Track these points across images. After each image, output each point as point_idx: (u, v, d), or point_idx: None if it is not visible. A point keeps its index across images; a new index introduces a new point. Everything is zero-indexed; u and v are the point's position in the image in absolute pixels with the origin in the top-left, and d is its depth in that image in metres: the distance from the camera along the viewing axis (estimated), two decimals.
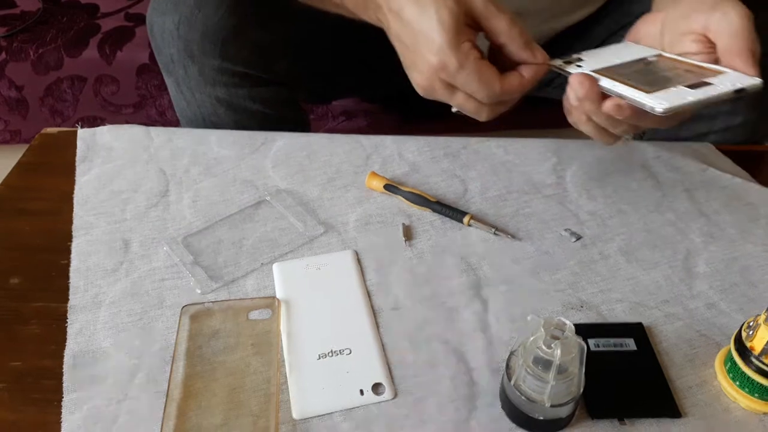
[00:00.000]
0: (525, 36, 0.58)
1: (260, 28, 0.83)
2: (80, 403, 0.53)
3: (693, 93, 0.54)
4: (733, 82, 0.54)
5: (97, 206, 0.72)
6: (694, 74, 0.57)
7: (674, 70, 0.58)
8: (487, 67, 0.57)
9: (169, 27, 0.80)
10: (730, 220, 0.73)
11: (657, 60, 0.60)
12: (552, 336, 0.48)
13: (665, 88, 0.55)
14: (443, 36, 0.55)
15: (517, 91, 0.59)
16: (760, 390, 0.53)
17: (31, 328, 0.59)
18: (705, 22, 0.59)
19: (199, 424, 0.52)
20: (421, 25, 0.56)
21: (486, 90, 0.57)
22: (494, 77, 0.57)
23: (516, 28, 0.58)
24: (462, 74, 0.56)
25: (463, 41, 0.56)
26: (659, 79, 0.56)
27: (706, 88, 0.54)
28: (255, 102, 0.86)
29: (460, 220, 0.71)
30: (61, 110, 1.39)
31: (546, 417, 0.51)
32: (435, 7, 0.55)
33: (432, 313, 0.62)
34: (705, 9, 0.59)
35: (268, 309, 0.60)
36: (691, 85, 0.55)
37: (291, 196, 0.74)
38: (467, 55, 0.56)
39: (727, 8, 0.58)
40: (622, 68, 0.59)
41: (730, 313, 0.63)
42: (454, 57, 0.55)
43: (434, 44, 0.56)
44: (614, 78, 0.57)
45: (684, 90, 0.54)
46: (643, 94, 0.54)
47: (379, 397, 0.55)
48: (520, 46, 0.58)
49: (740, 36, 0.57)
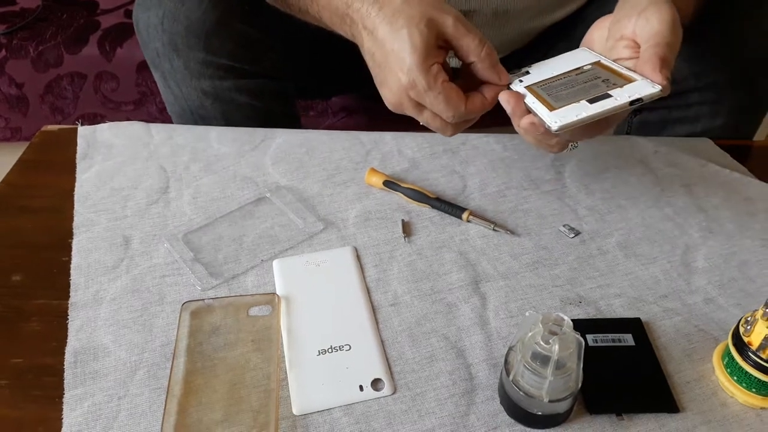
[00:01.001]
0: (492, 57, 0.61)
1: (244, 22, 0.83)
2: (81, 399, 0.54)
3: (588, 108, 0.56)
4: (632, 93, 0.56)
5: (98, 203, 0.72)
6: (607, 85, 0.58)
7: (594, 80, 0.60)
8: (454, 89, 0.59)
9: (154, 21, 0.81)
10: (728, 215, 0.73)
11: (590, 69, 0.62)
12: (550, 331, 0.48)
13: (569, 103, 0.57)
14: (413, 57, 0.57)
15: (479, 111, 0.61)
16: (757, 385, 0.53)
17: (33, 325, 0.60)
18: (633, 27, 0.60)
19: (199, 419, 0.52)
20: (393, 45, 0.59)
21: (452, 110, 0.60)
22: (460, 99, 0.59)
23: (484, 49, 0.60)
24: (430, 95, 0.59)
25: (432, 63, 0.58)
26: (573, 93, 0.59)
27: (604, 101, 0.56)
28: (241, 94, 0.87)
29: (459, 216, 0.71)
30: (62, 107, 1.39)
31: (544, 412, 0.51)
32: (407, 29, 0.58)
33: (431, 308, 0.62)
34: (634, 13, 0.60)
35: (268, 305, 0.61)
36: (593, 99, 0.57)
37: (291, 193, 0.74)
38: (436, 77, 0.58)
39: (651, 13, 0.59)
40: (554, 81, 0.62)
41: (728, 308, 0.63)
42: (423, 78, 0.58)
43: (405, 64, 0.58)
44: (537, 93, 0.60)
45: (583, 105, 0.56)
46: (546, 111, 0.57)
47: (379, 392, 0.55)
48: (487, 66, 0.61)
49: (653, 41, 0.58)
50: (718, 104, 0.86)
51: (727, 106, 0.87)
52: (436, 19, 0.59)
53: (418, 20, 0.58)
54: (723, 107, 0.87)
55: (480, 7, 0.86)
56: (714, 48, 0.82)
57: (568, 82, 0.61)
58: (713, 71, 0.84)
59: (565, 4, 0.92)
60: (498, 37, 0.93)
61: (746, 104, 0.88)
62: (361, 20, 0.62)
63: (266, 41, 0.86)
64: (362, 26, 0.62)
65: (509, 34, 0.93)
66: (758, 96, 0.89)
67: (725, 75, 0.84)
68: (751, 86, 0.86)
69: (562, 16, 0.93)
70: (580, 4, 0.93)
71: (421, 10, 0.59)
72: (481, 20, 0.88)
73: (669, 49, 0.58)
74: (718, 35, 0.82)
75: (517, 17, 0.89)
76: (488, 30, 0.90)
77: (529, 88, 0.62)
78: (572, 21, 0.95)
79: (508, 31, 0.92)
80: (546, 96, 0.59)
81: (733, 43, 0.83)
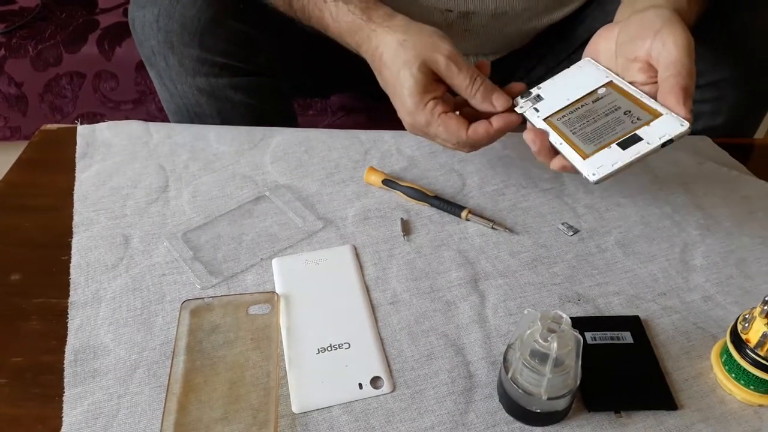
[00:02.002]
0: (484, 92, 0.65)
1: (239, 19, 0.83)
2: (81, 398, 0.54)
3: (622, 156, 0.56)
4: (662, 134, 0.56)
5: (97, 202, 0.72)
6: (631, 120, 0.59)
7: (615, 111, 0.60)
8: (453, 118, 0.65)
9: (149, 19, 0.81)
10: (726, 213, 0.74)
11: (606, 94, 0.63)
12: (548, 329, 0.48)
13: (599, 149, 0.58)
14: (411, 99, 0.65)
15: (485, 138, 0.65)
16: (755, 382, 0.53)
17: (32, 324, 0.60)
18: (647, 49, 0.60)
19: (199, 418, 0.52)
20: (395, 87, 0.66)
21: (454, 138, 0.65)
22: (460, 127, 0.64)
23: (474, 86, 0.65)
24: (432, 128, 0.66)
25: (428, 100, 0.65)
26: (598, 131, 0.60)
27: (636, 146, 0.57)
28: (236, 91, 0.87)
29: (458, 215, 0.71)
30: (61, 106, 1.39)
31: (543, 410, 0.51)
32: (402, 74, 0.65)
33: (430, 306, 0.62)
34: (649, 34, 0.60)
35: (268, 304, 0.61)
36: (623, 141, 0.57)
37: (290, 192, 0.74)
38: (432, 113, 0.65)
39: (666, 36, 0.59)
40: (572, 111, 0.63)
41: (727, 306, 0.63)
42: (422, 116, 0.65)
43: (405, 105, 0.66)
44: (561, 131, 0.61)
45: (615, 152, 0.57)
46: (580, 159, 0.58)
47: (378, 390, 0.55)
48: (479, 101, 0.65)
49: (673, 70, 0.57)
50: (719, 102, 0.86)
51: (728, 104, 0.87)
52: (429, 60, 0.64)
53: (411, 63, 0.64)
54: (724, 105, 0.87)
55: (479, 9, 0.86)
56: (715, 46, 0.82)
57: (587, 113, 0.62)
58: (714, 70, 0.84)
59: (564, 5, 0.92)
60: (497, 38, 0.93)
61: (747, 102, 0.88)
62: (371, 61, 0.69)
63: (261, 39, 0.86)
64: (373, 66, 0.70)
65: (508, 35, 0.93)
66: (759, 94, 0.89)
67: (726, 73, 0.84)
68: (752, 85, 0.86)
69: (561, 17, 0.93)
70: (579, 4, 0.93)
71: (416, 53, 0.64)
72: (480, 21, 0.88)
73: (689, 78, 0.57)
74: (719, 34, 0.82)
75: (516, 18, 0.89)
76: (487, 31, 0.90)
77: (549, 123, 0.63)
78: (571, 22, 0.95)
79: (507, 32, 0.92)
80: (571, 135, 0.60)
81: (734, 42, 0.83)
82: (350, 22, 0.69)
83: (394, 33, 0.66)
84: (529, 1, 0.87)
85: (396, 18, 0.68)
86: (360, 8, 0.69)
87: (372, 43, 0.68)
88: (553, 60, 0.99)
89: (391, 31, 0.66)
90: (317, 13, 0.72)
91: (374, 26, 0.68)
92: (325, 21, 0.72)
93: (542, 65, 1.01)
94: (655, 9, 0.62)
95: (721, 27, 0.81)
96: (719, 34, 0.82)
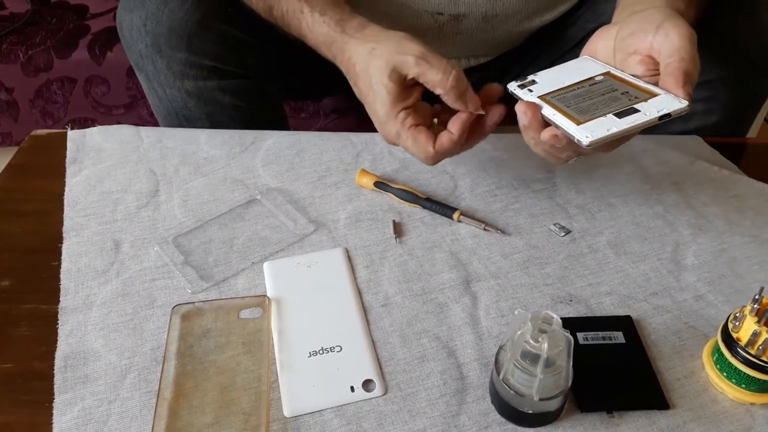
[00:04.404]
0: (458, 88, 0.63)
1: (227, 22, 0.83)
2: (71, 404, 0.53)
3: (618, 123, 0.55)
4: (660, 108, 0.56)
5: (88, 207, 0.72)
6: (629, 98, 0.58)
7: (612, 92, 0.59)
8: (423, 131, 0.64)
9: (137, 23, 0.81)
10: (717, 212, 0.74)
11: (603, 80, 0.62)
12: (539, 330, 0.48)
13: (595, 117, 0.57)
14: (382, 109, 0.64)
15: (451, 147, 0.64)
16: (746, 380, 0.53)
17: (22, 330, 0.59)
18: (649, 42, 0.60)
19: (190, 422, 0.52)
20: (367, 97, 0.66)
21: (421, 153, 0.64)
22: (428, 141, 0.64)
23: (449, 80, 0.62)
24: (401, 139, 0.65)
25: (399, 110, 0.64)
26: (594, 105, 0.58)
27: (633, 116, 0.56)
28: (225, 94, 0.87)
29: (450, 216, 0.71)
30: (52, 112, 1.39)
31: (535, 411, 0.51)
32: (374, 82, 0.64)
33: (422, 308, 0.62)
34: (651, 28, 0.60)
35: (259, 308, 0.61)
36: (620, 113, 0.56)
37: (281, 195, 0.74)
38: (403, 124, 0.64)
39: (669, 28, 0.59)
40: (568, 91, 0.62)
41: (718, 305, 0.63)
42: (392, 126, 0.65)
43: (377, 115, 0.65)
44: (555, 105, 0.60)
45: (611, 119, 0.56)
46: (573, 125, 0.56)
47: (370, 393, 0.55)
48: (453, 98, 0.63)
49: (676, 56, 0.58)
50: (712, 102, 0.87)
51: (721, 103, 0.87)
52: (399, 65, 0.63)
53: (383, 72, 0.63)
54: (717, 105, 0.87)
55: (470, 11, 0.86)
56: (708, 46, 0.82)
57: (583, 93, 0.61)
58: (707, 69, 0.84)
59: (555, 6, 0.92)
60: (488, 40, 0.93)
61: (740, 102, 0.89)
62: (347, 72, 0.69)
63: (249, 41, 0.86)
64: (348, 77, 0.69)
65: (499, 36, 0.93)
66: (752, 94, 0.90)
67: (719, 73, 0.84)
68: (744, 84, 0.86)
69: (552, 19, 0.94)
70: (570, 6, 0.94)
71: (385, 60, 0.63)
72: (471, 24, 0.88)
73: (693, 64, 0.58)
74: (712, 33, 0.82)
75: (507, 20, 0.89)
76: (478, 33, 0.90)
77: (543, 99, 0.61)
78: (563, 23, 0.95)
79: (498, 34, 0.92)
80: (566, 108, 0.59)
81: (727, 42, 0.83)
82: (324, 34, 0.69)
83: (365, 43, 0.66)
84: (520, 4, 0.87)
85: (368, 28, 0.68)
86: (334, 20, 0.69)
87: (345, 55, 0.67)
88: (545, 62, 0.99)
89: (362, 42, 0.66)
90: (296, 23, 0.72)
91: (347, 38, 0.68)
92: (302, 31, 0.72)
93: (534, 67, 1.00)
94: (656, 8, 0.62)
95: (715, 27, 0.82)
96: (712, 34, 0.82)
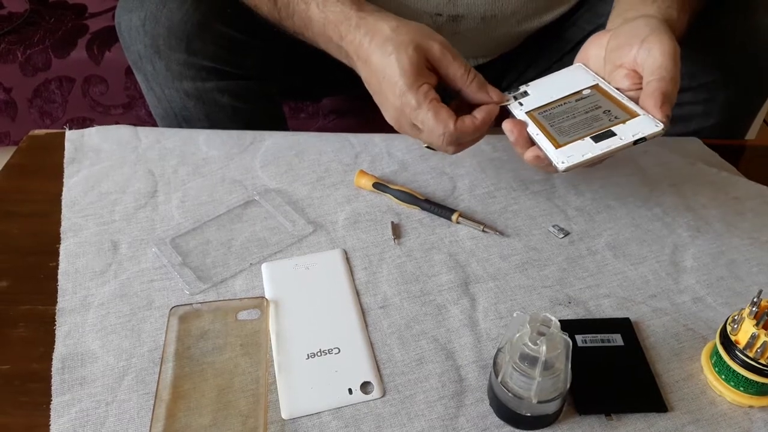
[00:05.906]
0: (479, 81, 0.64)
1: (226, 23, 0.83)
2: (69, 406, 0.53)
3: (593, 148, 0.58)
4: (635, 131, 0.58)
5: (86, 208, 0.72)
6: (609, 118, 0.60)
7: (596, 110, 0.62)
8: (443, 107, 0.62)
9: (136, 24, 0.81)
10: (716, 214, 0.74)
11: (589, 95, 0.64)
12: (538, 332, 0.48)
13: (573, 140, 0.59)
14: (404, 79, 0.61)
15: (471, 132, 0.63)
16: (745, 383, 0.53)
17: (19, 331, 0.59)
18: (634, 57, 0.61)
19: (188, 424, 0.52)
20: (385, 71, 0.63)
21: (441, 128, 0.62)
22: (449, 117, 0.61)
23: (470, 76, 0.64)
24: (420, 112, 0.62)
25: (422, 84, 0.62)
26: (575, 126, 0.61)
27: (609, 140, 0.58)
28: (224, 95, 0.87)
29: (449, 218, 0.71)
30: (50, 111, 1.39)
31: (533, 413, 0.51)
32: (396, 54, 0.62)
33: (420, 310, 0.62)
34: (636, 42, 0.61)
35: (257, 309, 0.60)
36: (597, 136, 0.59)
37: (280, 196, 0.74)
38: (425, 96, 0.61)
39: (653, 43, 0.59)
40: (555, 107, 0.64)
41: (717, 307, 0.63)
42: (413, 97, 0.61)
43: (396, 87, 0.62)
44: (540, 122, 0.63)
45: (588, 144, 0.59)
46: (552, 149, 0.59)
47: (368, 395, 0.55)
48: (475, 89, 0.64)
49: (657, 75, 0.58)
50: (711, 104, 0.87)
51: (720, 105, 0.87)
52: (424, 45, 0.62)
53: (406, 45, 0.62)
54: (715, 107, 0.87)
55: (468, 12, 0.86)
56: (707, 48, 0.83)
57: (568, 110, 0.63)
58: (706, 71, 0.84)
59: (554, 7, 0.92)
60: (487, 41, 0.93)
61: (738, 104, 0.89)
62: (355, 52, 0.66)
63: (248, 43, 0.86)
64: (357, 57, 0.66)
65: (498, 37, 0.93)
66: (750, 96, 0.90)
67: (718, 75, 0.84)
68: (743, 86, 0.86)
69: (551, 20, 0.94)
70: (569, 7, 0.94)
71: (410, 37, 0.62)
72: (470, 25, 0.88)
73: (672, 84, 0.58)
74: (711, 35, 0.82)
75: (506, 21, 0.89)
76: (477, 34, 0.90)
77: (530, 116, 0.64)
78: (561, 24, 0.95)
79: (497, 35, 0.92)
80: (549, 127, 0.62)
81: (726, 43, 0.83)
82: (338, 12, 0.68)
83: (388, 21, 0.65)
84: (519, 4, 0.87)
85: (385, 11, 0.67)
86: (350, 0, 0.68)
87: (361, 31, 0.65)
88: (544, 63, 0.99)
89: (384, 20, 0.65)
90: (302, 7, 0.71)
91: (364, 15, 0.66)
92: (309, 13, 0.70)
93: (533, 68, 1.01)
94: (645, 18, 0.63)
95: (713, 29, 0.82)
96: (711, 35, 0.82)
